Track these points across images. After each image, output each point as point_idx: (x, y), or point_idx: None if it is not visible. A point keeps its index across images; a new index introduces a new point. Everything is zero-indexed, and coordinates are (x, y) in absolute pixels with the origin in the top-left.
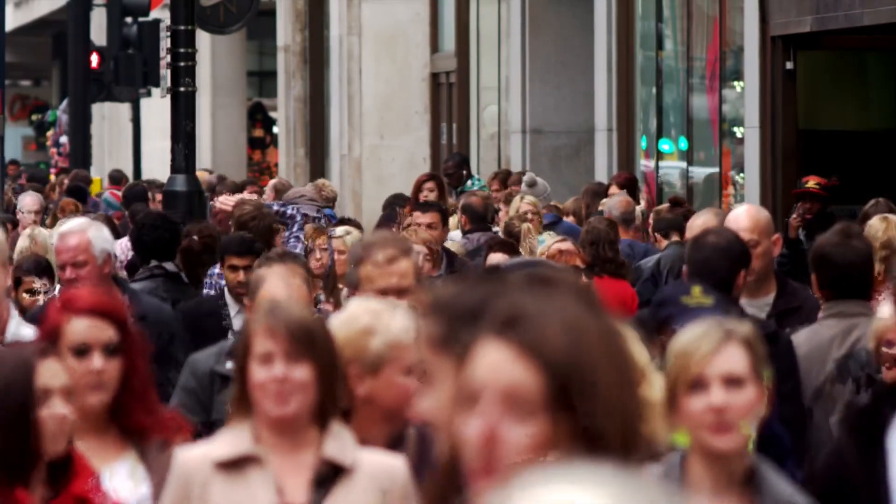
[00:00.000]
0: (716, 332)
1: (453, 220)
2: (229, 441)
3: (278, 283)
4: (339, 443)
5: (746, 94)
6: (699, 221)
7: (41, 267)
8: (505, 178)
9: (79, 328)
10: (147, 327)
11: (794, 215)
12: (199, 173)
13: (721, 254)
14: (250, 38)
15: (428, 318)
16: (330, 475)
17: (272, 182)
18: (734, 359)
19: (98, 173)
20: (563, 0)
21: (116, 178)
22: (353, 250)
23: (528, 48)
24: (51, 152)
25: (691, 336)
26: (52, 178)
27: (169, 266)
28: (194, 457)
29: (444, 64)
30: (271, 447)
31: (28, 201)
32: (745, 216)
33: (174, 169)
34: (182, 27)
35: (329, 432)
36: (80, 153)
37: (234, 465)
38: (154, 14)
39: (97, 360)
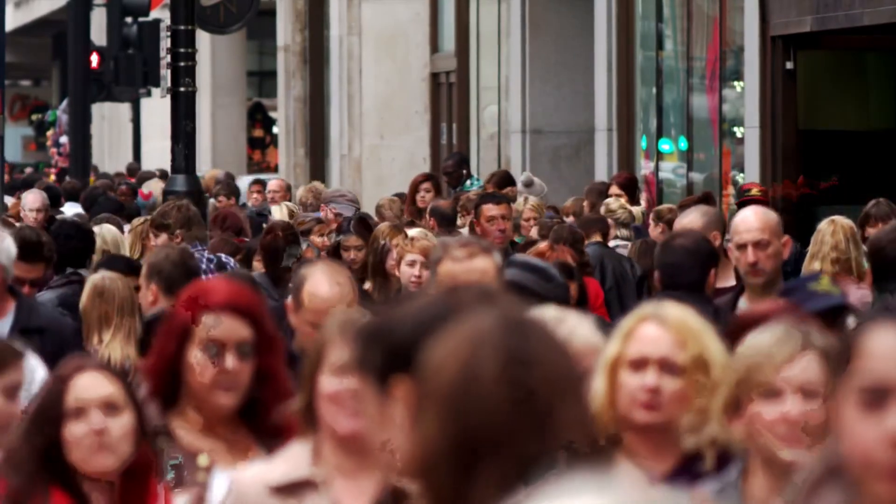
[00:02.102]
0: (796, 338)
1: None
2: (288, 462)
3: (323, 281)
4: None
5: (746, 94)
6: (686, 220)
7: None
8: (501, 181)
9: (212, 325)
10: (46, 340)
11: None
12: (213, 172)
13: (690, 256)
14: (250, 38)
15: (351, 343)
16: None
17: (274, 182)
18: (813, 368)
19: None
20: (563, 0)
21: (131, 170)
22: (433, 253)
23: (528, 48)
24: (51, 152)
25: (768, 339)
26: (52, 178)
27: (84, 272)
28: (249, 478)
29: (444, 64)
30: (333, 467)
31: (30, 199)
32: (753, 217)
33: (174, 169)
34: (182, 27)
35: None
36: (80, 153)
37: (291, 489)
38: (154, 14)
39: (230, 361)
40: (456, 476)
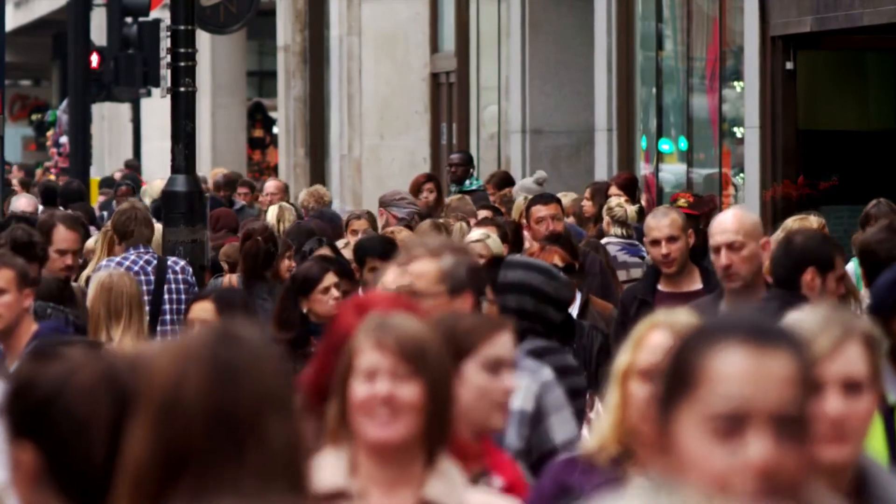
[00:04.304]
0: (834, 327)
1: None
2: (322, 471)
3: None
4: (445, 483)
5: (746, 94)
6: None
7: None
8: (500, 181)
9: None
10: None
11: None
12: (218, 170)
13: (786, 251)
14: (250, 38)
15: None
16: None
17: (271, 184)
18: (854, 360)
19: (98, 173)
20: (563, 0)
21: (134, 167)
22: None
23: (528, 48)
24: (51, 152)
25: (805, 326)
26: (52, 178)
27: None
28: None
29: (444, 64)
30: (368, 480)
31: (23, 202)
32: (731, 218)
33: (174, 169)
34: (182, 27)
35: (434, 469)
36: (80, 153)
37: (325, 499)
38: (154, 14)
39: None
40: (159, 489)
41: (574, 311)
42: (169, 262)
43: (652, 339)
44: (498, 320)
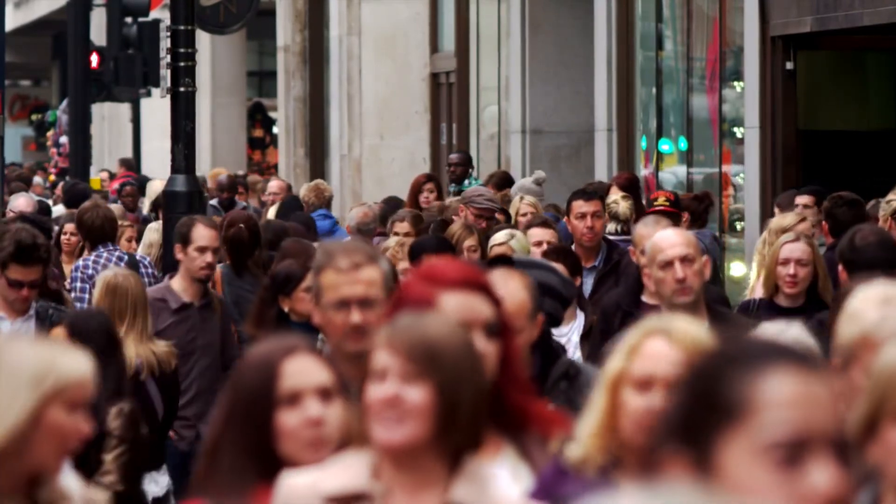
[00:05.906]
0: None
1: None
2: (344, 471)
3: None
4: (472, 484)
5: (746, 94)
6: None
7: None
8: (500, 182)
9: (454, 305)
10: None
11: None
12: (217, 170)
13: (881, 246)
14: (250, 38)
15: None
16: None
17: (274, 183)
18: None
19: (98, 174)
20: (563, 0)
21: (130, 165)
22: (316, 258)
23: (528, 48)
24: (51, 152)
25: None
26: (52, 178)
27: None
28: (302, 486)
29: (444, 64)
30: (391, 483)
31: (21, 202)
32: (674, 234)
33: (174, 169)
34: (182, 27)
35: (461, 471)
36: (80, 153)
37: (346, 501)
38: (154, 14)
39: (479, 342)
40: None
41: (577, 331)
42: (138, 257)
43: (648, 346)
44: None
